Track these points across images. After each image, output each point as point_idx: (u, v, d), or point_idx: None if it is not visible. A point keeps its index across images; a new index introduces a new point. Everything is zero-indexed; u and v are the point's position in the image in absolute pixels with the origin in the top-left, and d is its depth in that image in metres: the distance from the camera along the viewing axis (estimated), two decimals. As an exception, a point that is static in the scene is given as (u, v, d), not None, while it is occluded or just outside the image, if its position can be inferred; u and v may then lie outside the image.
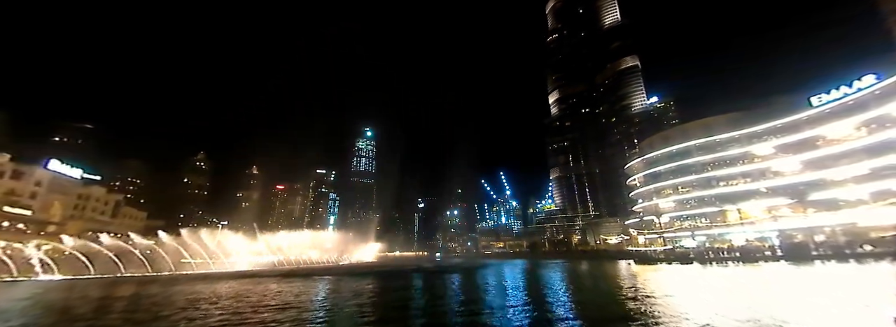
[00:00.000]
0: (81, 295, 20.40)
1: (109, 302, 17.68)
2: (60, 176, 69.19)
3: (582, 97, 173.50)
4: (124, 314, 13.96)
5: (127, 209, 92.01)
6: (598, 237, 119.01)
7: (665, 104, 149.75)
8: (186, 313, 13.93)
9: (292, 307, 15.41)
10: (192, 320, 12.43)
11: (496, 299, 16.19)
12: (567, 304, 14.85)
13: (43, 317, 14.02)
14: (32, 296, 20.65)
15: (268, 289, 22.08)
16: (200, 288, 23.71)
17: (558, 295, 17.79)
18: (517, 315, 11.58)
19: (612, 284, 23.05)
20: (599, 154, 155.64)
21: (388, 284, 26.45)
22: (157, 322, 12.22)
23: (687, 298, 16.64)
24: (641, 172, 77.16)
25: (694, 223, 63.08)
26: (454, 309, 14.08)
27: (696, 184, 64.42)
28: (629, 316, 11.43)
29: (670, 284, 22.88)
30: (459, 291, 21.34)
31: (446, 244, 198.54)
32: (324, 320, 12.67)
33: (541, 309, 12.84)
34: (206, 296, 19.35)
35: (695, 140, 64.32)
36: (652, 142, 78.43)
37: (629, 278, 26.80)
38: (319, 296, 20.12)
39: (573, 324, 10.79)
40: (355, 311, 14.19)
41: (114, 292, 21.38)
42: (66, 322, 12.47)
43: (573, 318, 11.21)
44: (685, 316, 11.21)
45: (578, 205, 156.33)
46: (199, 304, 16.32)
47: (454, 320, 11.76)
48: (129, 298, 19.01)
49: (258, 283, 26.29)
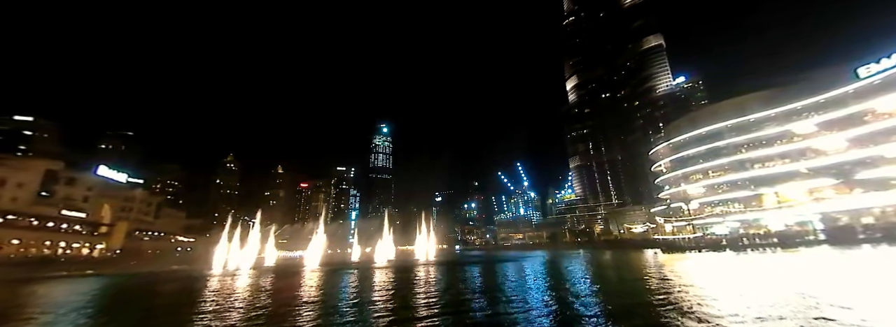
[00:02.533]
0: (178, 287, 21.58)
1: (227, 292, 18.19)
2: (108, 180, 74.40)
3: (601, 81, 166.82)
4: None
5: (167, 209, 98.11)
6: (621, 226, 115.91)
7: (692, 84, 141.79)
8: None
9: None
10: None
11: (517, 290, 15.35)
12: (593, 296, 13.69)
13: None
14: (110, 289, 22.48)
15: (334, 281, 23.09)
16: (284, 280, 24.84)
17: (583, 287, 16.56)
18: (538, 305, 10.91)
19: (638, 274, 21.62)
20: (621, 140, 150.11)
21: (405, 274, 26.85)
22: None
23: (726, 287, 15.07)
24: (668, 157, 73.80)
25: (726, 208, 60.03)
26: (471, 299, 13.84)
27: (728, 167, 61.00)
28: (663, 309, 10.17)
29: (704, 273, 21.43)
30: (480, 282, 21.19)
31: (465, 236, 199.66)
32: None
33: (564, 302, 11.98)
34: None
35: (727, 120, 60.58)
36: (679, 125, 74.63)
37: (657, 267, 25.60)
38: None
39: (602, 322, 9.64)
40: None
41: (194, 285, 22.54)
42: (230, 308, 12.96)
43: (600, 315, 10.10)
44: (729, 310, 9.63)
45: (600, 193, 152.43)
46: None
47: (471, 311, 11.32)
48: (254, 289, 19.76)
49: (328, 276, 27.19)
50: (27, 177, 57.26)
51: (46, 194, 59.29)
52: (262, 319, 11.09)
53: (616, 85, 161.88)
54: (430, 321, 9.30)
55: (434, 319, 9.41)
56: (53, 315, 12.32)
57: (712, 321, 8.63)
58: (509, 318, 9.65)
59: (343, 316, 10.91)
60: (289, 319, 10.48)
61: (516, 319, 9.56)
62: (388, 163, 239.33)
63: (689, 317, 8.99)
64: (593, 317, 9.81)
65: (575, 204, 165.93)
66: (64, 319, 11.51)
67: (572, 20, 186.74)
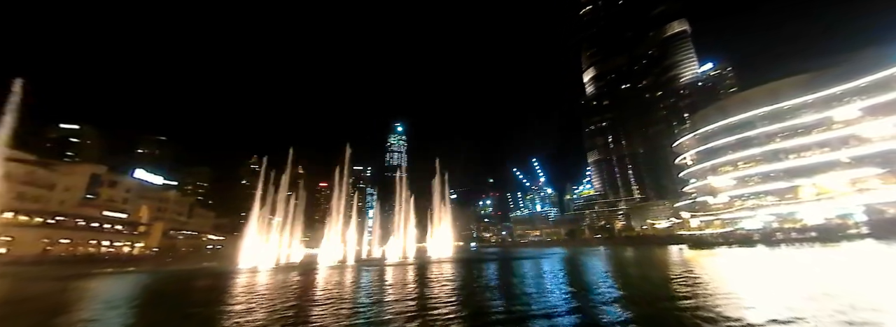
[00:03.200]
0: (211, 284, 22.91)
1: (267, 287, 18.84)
2: (145, 183, 79.45)
3: (621, 72, 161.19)
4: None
5: (198, 209, 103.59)
6: (644, 222, 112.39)
7: (720, 71, 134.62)
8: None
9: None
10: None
11: (534, 291, 14.16)
12: (616, 297, 12.43)
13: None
14: (154, 283, 24.20)
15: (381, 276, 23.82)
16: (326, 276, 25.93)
17: (605, 286, 15.19)
18: (554, 309, 10.20)
19: (664, 272, 20.47)
20: (643, 133, 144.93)
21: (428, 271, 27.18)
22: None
23: (761, 286, 13.52)
24: (693, 149, 70.66)
25: (758, 202, 56.95)
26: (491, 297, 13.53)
27: (760, 158, 57.75)
28: (693, 312, 9.04)
29: (736, 270, 20.17)
30: (497, 279, 21.14)
31: (480, 234, 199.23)
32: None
33: (584, 300, 11.31)
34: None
35: (759, 108, 57.20)
36: (706, 114, 71.20)
37: (684, 264, 24.35)
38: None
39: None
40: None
41: (225, 280, 23.91)
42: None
43: (623, 320, 9.08)
44: (770, 313, 8.44)
45: (621, 188, 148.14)
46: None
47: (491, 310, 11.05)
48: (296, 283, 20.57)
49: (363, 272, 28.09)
50: (74, 180, 61.79)
51: (91, 196, 63.81)
52: (291, 310, 11.62)
53: (637, 75, 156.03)
54: (435, 320, 9.32)
55: (440, 320, 9.39)
56: (102, 309, 13.34)
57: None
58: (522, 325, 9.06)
59: (364, 312, 11.23)
60: (313, 312, 10.94)
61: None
62: (404, 161, 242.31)
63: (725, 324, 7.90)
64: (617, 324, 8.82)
65: (594, 199, 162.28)
66: (112, 312, 12.46)
67: (589, 9, 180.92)
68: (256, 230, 38.04)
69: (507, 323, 9.15)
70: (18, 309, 14.11)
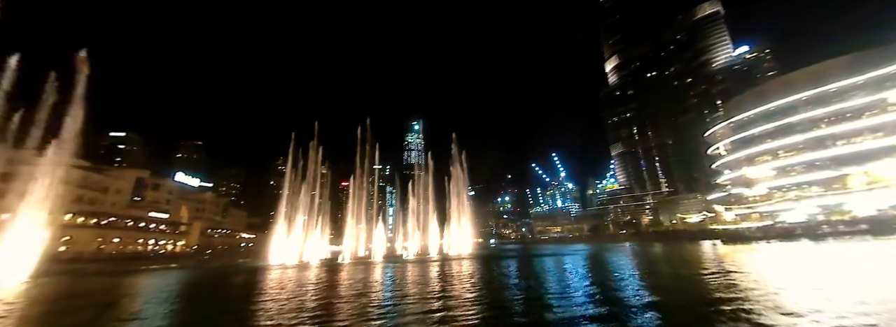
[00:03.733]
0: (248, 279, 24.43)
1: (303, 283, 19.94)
2: (184, 185, 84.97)
3: (647, 59, 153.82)
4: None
5: (232, 209, 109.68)
6: (673, 216, 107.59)
7: (757, 54, 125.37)
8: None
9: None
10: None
11: (554, 291, 13.05)
12: (648, 300, 10.74)
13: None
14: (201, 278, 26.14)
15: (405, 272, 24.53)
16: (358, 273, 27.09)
17: (633, 287, 13.60)
18: (584, 313, 9.34)
19: (697, 269, 18.86)
20: (671, 122, 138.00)
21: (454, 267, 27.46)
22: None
23: (811, 285, 11.72)
24: (728, 138, 66.65)
25: (801, 193, 53.04)
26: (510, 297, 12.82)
27: (803, 145, 53.64)
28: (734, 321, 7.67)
29: (779, 267, 18.20)
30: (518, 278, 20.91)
31: (499, 230, 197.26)
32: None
33: (614, 307, 9.91)
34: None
35: (802, 92, 52.99)
36: (741, 101, 66.86)
37: (718, 261, 22.32)
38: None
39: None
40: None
41: (259, 276, 25.47)
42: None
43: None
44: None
45: (648, 181, 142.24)
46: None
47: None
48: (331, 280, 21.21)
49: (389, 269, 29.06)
50: (122, 184, 67.06)
51: (137, 198, 69.07)
52: (321, 301, 12.23)
53: (664, 61, 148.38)
54: (454, 320, 9.02)
55: (458, 320, 9.26)
56: (152, 302, 14.57)
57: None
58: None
59: (384, 308, 11.58)
60: (342, 305, 11.46)
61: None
62: (421, 159, 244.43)
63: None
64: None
65: (618, 194, 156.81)
66: (159, 305, 13.61)
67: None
68: (285, 228, 39.97)
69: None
70: (78, 303, 15.66)
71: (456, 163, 53.83)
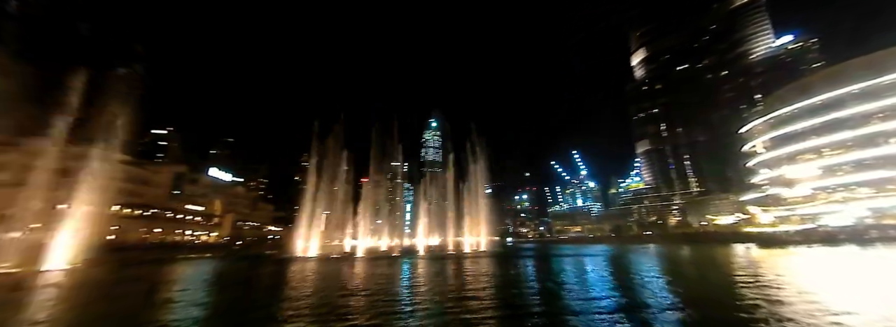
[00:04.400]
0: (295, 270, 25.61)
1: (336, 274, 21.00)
2: (217, 180, 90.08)
3: (678, 52, 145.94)
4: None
5: (260, 203, 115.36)
6: (703, 217, 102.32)
7: (802, 44, 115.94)
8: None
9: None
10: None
11: (572, 302, 11.47)
12: (680, 316, 9.27)
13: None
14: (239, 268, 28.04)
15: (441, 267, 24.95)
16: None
17: (664, 295, 12.17)
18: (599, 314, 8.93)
19: (729, 275, 16.91)
20: (703, 118, 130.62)
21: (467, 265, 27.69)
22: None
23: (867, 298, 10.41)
24: (766, 135, 62.51)
25: (849, 194, 49.02)
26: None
27: (851, 143, 49.46)
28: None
29: (826, 276, 16.18)
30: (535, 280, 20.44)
31: (517, 229, 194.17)
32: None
33: (641, 318, 8.90)
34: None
35: (853, 84, 48.79)
36: (782, 95, 62.40)
37: (754, 266, 20.70)
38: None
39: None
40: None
41: (285, 266, 26.95)
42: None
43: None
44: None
45: (676, 181, 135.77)
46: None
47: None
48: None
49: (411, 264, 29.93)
50: (163, 178, 72.02)
51: (177, 192, 74.01)
52: (337, 289, 12.89)
53: (697, 53, 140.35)
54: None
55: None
56: (191, 288, 15.86)
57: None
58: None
59: (398, 300, 11.98)
60: (357, 294, 12.00)
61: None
62: (438, 156, 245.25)
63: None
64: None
65: (643, 193, 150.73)
66: (197, 290, 14.82)
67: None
68: (307, 223, 41.79)
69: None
70: (132, 288, 17.24)
71: (473, 160, 53.81)
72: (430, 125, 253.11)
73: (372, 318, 9.23)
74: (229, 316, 10.19)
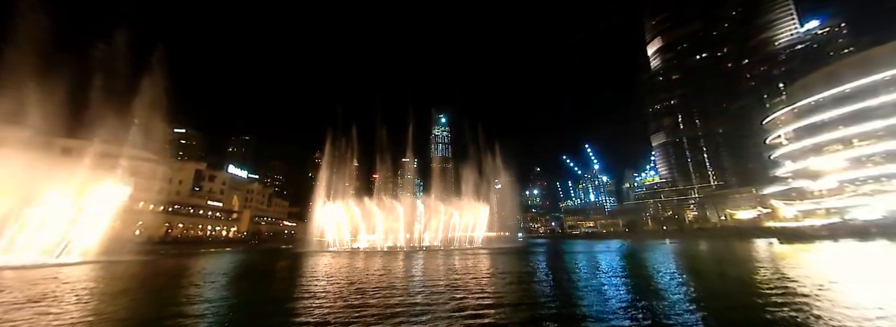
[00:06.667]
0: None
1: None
2: (235, 177, 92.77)
3: (696, 40, 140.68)
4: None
5: (276, 199, 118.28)
6: (722, 212, 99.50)
7: (830, 29, 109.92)
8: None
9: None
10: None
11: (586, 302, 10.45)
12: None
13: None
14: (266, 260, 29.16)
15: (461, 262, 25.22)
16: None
17: (683, 296, 11.07)
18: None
19: (750, 271, 16.19)
20: (723, 109, 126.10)
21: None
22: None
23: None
24: (790, 126, 60.02)
25: (878, 187, 46.80)
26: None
27: (883, 132, 47.00)
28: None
29: (857, 273, 15.05)
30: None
31: (527, 224, 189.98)
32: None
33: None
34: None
35: (883, 72, 46.20)
36: (808, 83, 59.63)
37: (777, 263, 19.58)
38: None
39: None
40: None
41: (300, 259, 27.74)
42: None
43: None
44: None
45: (693, 174, 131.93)
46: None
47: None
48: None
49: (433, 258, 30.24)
50: (184, 176, 74.64)
51: (197, 189, 76.61)
52: (354, 278, 13.26)
53: (716, 41, 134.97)
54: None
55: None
56: (213, 279, 16.56)
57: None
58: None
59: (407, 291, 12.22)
60: (374, 282, 12.34)
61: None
62: (448, 152, 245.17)
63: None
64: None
65: (659, 187, 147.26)
66: (219, 281, 15.49)
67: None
68: (321, 218, 42.86)
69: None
70: (159, 282, 18.13)
71: (481, 156, 53.73)
72: (439, 121, 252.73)
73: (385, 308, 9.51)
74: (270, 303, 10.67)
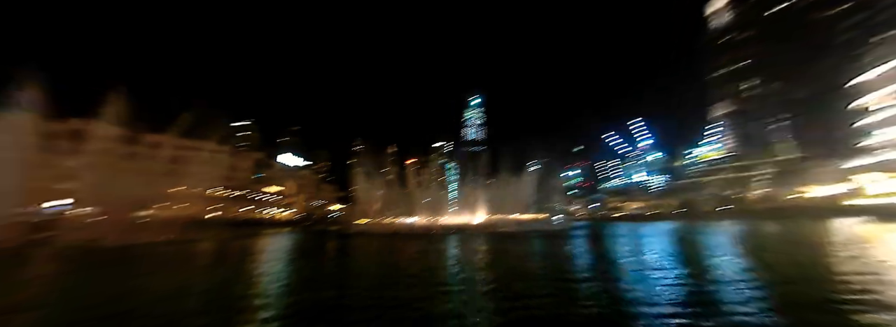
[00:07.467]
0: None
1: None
2: (288, 165, 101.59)
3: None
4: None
5: (324, 185, 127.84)
6: (794, 189, 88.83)
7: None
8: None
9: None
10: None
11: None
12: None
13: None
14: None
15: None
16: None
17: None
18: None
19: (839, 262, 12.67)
20: (799, 72, 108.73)
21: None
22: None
23: None
24: (886, 88, 50.94)
25: None
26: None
27: None
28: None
29: None
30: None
31: (565, 207, 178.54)
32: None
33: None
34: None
35: None
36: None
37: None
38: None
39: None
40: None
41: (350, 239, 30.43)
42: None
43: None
44: None
45: (762, 147, 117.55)
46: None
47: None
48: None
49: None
50: (246, 164, 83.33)
51: (258, 175, 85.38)
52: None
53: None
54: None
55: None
56: (275, 256, 19.28)
57: None
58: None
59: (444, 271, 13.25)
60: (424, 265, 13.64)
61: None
62: (481, 135, 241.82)
63: None
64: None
65: (720, 163, 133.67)
66: (287, 258, 18.05)
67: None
68: (363, 202, 46.10)
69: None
70: (244, 256, 21.25)
71: (515, 136, 52.75)
72: (471, 103, 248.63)
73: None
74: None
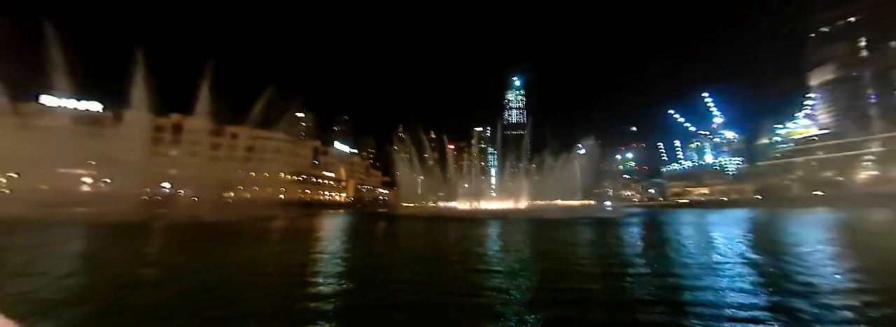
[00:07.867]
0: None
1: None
2: (341, 152, 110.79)
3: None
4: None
5: (372, 170, 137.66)
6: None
7: None
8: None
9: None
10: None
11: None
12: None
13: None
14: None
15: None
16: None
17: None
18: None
19: None
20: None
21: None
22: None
23: None
24: None
25: None
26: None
27: None
28: None
29: None
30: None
31: (618, 192, 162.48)
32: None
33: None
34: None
35: None
36: None
37: None
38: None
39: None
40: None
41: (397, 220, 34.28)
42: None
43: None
44: None
45: (870, 121, 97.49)
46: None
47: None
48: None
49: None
50: (305, 151, 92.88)
51: (315, 162, 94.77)
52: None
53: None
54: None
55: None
56: (331, 234, 22.87)
57: None
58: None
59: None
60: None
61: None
62: (523, 118, 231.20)
63: None
64: None
65: (814, 140, 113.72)
66: (336, 234, 21.47)
67: None
68: (407, 186, 49.63)
69: None
70: (305, 233, 25.53)
71: (563, 119, 51.02)
72: (512, 84, 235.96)
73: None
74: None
